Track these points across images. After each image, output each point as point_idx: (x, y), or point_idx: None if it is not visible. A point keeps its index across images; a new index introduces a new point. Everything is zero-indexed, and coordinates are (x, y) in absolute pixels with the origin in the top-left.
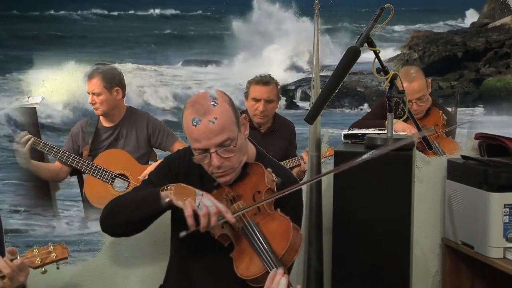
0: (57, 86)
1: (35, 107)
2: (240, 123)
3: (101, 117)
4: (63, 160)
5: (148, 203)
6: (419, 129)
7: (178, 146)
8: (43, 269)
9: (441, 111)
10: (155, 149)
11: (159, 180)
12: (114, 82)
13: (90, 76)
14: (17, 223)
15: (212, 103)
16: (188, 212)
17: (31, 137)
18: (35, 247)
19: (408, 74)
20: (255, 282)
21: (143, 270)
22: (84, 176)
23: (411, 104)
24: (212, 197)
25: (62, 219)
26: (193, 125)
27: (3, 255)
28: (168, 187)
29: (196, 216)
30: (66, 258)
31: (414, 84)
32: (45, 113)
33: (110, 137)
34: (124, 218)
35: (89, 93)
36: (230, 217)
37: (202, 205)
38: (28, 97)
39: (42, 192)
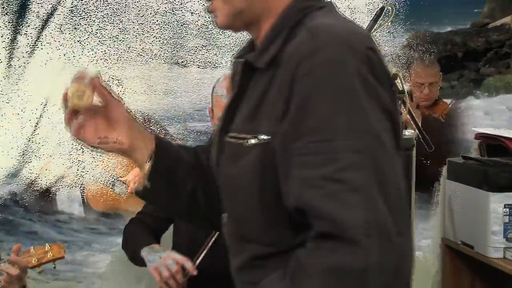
0: None
1: None
2: None
3: None
4: None
5: (137, 260)
6: (419, 129)
7: None
8: (39, 269)
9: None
10: None
11: None
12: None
13: None
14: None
15: None
16: (157, 279)
17: None
18: (32, 247)
19: (424, 59)
20: None
21: (143, 270)
22: None
23: (423, 88)
24: (173, 253)
25: (62, 219)
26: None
27: None
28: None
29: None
30: (63, 257)
31: (430, 68)
32: None
33: None
34: (129, 257)
35: None
36: (191, 269)
37: (164, 268)
38: None
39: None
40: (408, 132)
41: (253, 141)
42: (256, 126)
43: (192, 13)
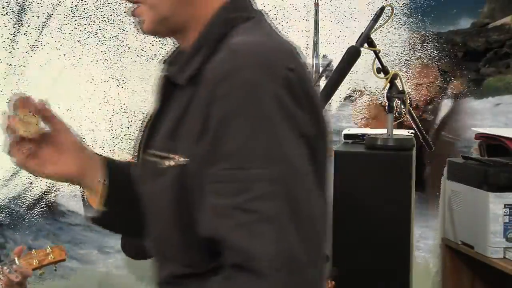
0: None
1: None
2: None
3: None
4: None
5: (144, 251)
6: (419, 129)
7: None
8: (40, 271)
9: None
10: None
11: None
12: None
13: None
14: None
15: None
16: None
17: None
18: (33, 249)
19: (421, 59)
20: None
21: (143, 270)
22: None
23: (421, 88)
24: None
25: (62, 218)
26: None
27: None
28: None
29: None
30: (64, 260)
31: (428, 68)
32: None
33: None
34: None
35: None
36: None
37: None
38: None
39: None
40: (408, 132)
41: (171, 162)
42: (174, 146)
43: None
